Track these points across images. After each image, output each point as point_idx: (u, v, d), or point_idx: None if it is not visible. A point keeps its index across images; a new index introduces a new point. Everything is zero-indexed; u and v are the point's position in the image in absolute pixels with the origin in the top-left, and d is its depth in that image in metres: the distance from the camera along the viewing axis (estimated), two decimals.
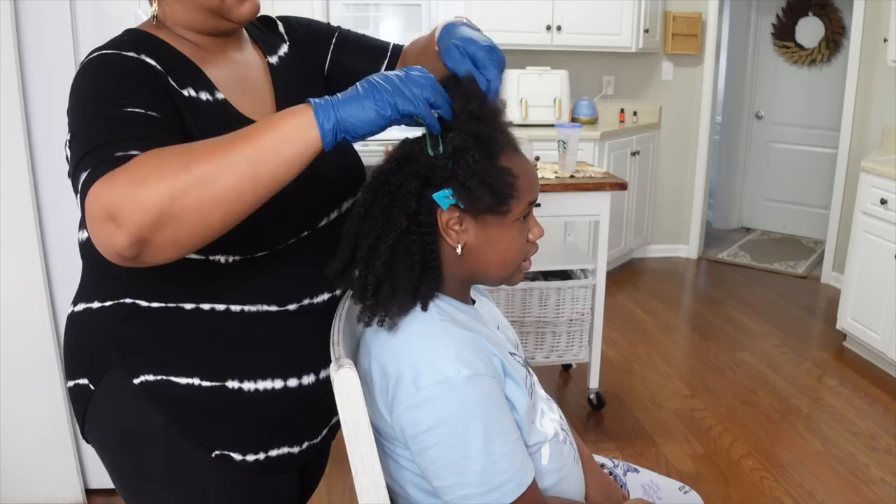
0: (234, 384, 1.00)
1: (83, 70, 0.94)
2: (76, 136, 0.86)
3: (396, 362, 0.96)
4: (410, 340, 0.98)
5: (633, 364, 3.32)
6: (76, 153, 0.83)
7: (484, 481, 0.93)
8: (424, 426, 0.93)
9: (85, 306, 1.03)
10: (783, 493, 2.33)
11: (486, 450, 0.93)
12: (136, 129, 0.85)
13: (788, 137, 5.52)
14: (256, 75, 1.09)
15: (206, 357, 0.99)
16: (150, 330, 0.99)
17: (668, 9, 4.66)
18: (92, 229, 0.78)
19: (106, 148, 0.81)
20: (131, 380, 0.98)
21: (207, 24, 1.00)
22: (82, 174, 0.80)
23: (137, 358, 0.98)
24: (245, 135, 0.81)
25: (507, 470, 0.94)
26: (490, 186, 0.94)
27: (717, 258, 5.01)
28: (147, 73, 0.93)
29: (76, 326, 1.04)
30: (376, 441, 1.00)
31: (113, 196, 0.76)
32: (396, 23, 4.08)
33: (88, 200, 0.77)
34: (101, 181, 0.77)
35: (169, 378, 0.98)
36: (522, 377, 1.04)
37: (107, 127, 0.84)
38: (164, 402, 0.98)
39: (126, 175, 0.77)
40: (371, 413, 0.99)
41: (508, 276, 1.06)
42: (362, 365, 1.03)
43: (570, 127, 2.75)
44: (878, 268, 3.18)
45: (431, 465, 0.95)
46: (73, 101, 0.91)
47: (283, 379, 1.03)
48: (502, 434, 0.95)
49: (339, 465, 1.14)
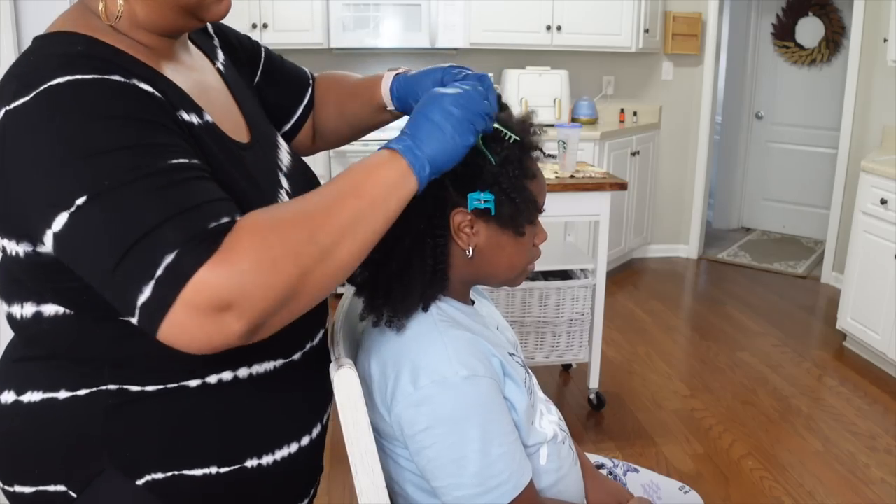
0: (252, 462, 0.88)
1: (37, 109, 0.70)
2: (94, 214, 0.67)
3: (395, 362, 0.97)
4: (409, 340, 0.98)
5: (633, 364, 3.32)
6: (125, 228, 0.66)
7: (481, 482, 0.93)
8: (422, 426, 0.94)
9: (44, 396, 0.82)
10: (783, 493, 2.33)
11: (483, 450, 0.93)
12: (200, 187, 0.71)
13: (788, 137, 5.52)
14: (214, 83, 0.97)
15: (221, 440, 0.86)
16: (150, 419, 0.82)
17: (668, 9, 4.66)
18: (188, 323, 0.66)
19: (188, 218, 0.67)
20: (133, 482, 0.82)
21: (175, 22, 0.85)
22: (167, 256, 0.65)
23: (139, 455, 0.83)
24: (351, 190, 0.76)
25: (504, 470, 0.94)
26: (527, 206, 0.99)
27: (717, 258, 5.01)
28: (154, 104, 0.75)
29: (32, 420, 0.83)
30: (376, 441, 1.00)
31: (237, 282, 0.65)
32: (396, 23, 4.08)
33: (191, 291, 0.64)
34: (212, 265, 0.65)
35: (182, 472, 0.83)
36: (522, 378, 1.05)
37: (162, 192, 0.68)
38: (178, 500, 0.84)
39: (250, 255, 0.66)
40: (370, 412, 0.99)
41: (513, 279, 1.08)
42: (361, 364, 1.03)
43: (570, 127, 2.75)
44: (878, 268, 3.18)
45: (429, 464, 0.95)
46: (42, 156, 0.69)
47: (298, 440, 0.93)
48: (500, 435, 0.96)
49: (339, 465, 1.14)
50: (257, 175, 0.89)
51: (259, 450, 0.88)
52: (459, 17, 4.10)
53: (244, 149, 0.91)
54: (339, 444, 0.97)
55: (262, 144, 0.97)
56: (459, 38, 4.15)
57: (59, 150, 0.69)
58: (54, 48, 0.77)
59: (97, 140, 0.69)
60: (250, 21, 3.89)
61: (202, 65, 0.97)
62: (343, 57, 4.38)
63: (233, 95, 0.99)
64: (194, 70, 0.93)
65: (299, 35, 4.00)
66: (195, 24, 0.88)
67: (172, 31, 0.87)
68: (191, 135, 0.80)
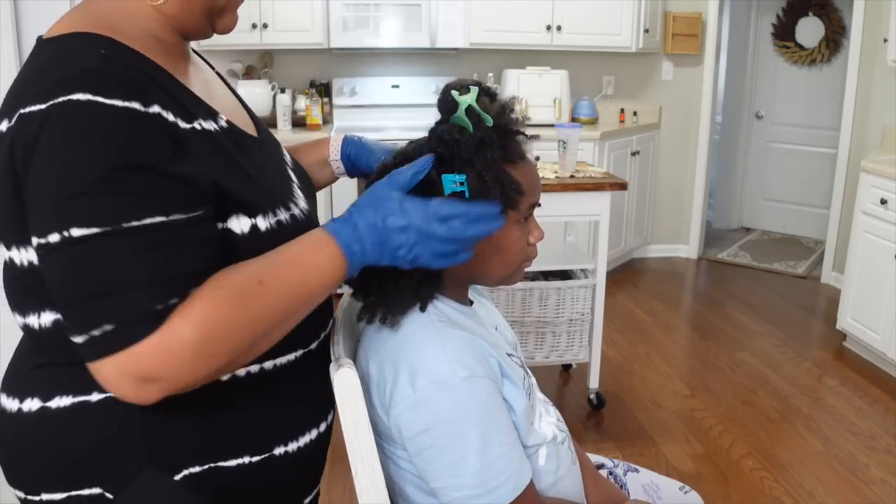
0: (280, 450, 0.91)
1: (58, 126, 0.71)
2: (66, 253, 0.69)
3: (393, 363, 0.96)
4: (407, 341, 0.98)
5: (633, 364, 3.32)
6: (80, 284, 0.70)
7: (481, 483, 0.93)
8: (421, 427, 0.93)
9: (75, 400, 0.83)
10: (783, 493, 2.33)
11: (482, 451, 0.93)
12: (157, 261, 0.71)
13: (788, 137, 5.52)
14: (218, 84, 1.01)
15: (251, 430, 0.89)
16: (185, 414, 0.84)
17: (668, 9, 4.66)
18: (114, 384, 0.71)
19: (136, 297, 0.69)
20: (171, 477, 0.83)
21: (196, 25, 0.89)
22: (106, 325, 0.69)
23: (177, 450, 0.84)
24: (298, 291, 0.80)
25: (504, 471, 0.94)
26: (501, 187, 0.96)
27: (717, 258, 5.01)
28: (157, 136, 0.75)
29: (64, 425, 0.83)
30: (375, 441, 1.00)
31: (168, 367, 0.70)
32: (396, 23, 4.08)
33: (125, 359, 0.69)
34: (152, 345, 0.69)
35: (218, 464, 0.86)
36: (520, 378, 1.04)
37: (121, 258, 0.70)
38: (212, 492, 0.86)
39: (190, 350, 0.71)
40: (370, 412, 0.99)
41: (507, 278, 1.07)
42: (361, 365, 1.03)
43: (570, 127, 2.75)
44: (879, 268, 3.18)
45: (428, 466, 0.95)
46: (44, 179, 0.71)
47: (317, 426, 0.98)
48: (499, 435, 0.95)
49: (339, 465, 1.14)
50: (272, 170, 0.94)
51: (285, 437, 0.92)
52: (459, 17, 4.10)
53: (257, 143, 0.95)
54: (339, 444, 0.97)
55: (268, 140, 1.02)
56: (459, 38, 4.15)
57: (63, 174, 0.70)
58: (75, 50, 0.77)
59: (102, 178, 0.70)
60: (250, 21, 3.88)
61: (202, 65, 1.00)
62: (343, 57, 4.38)
63: (235, 96, 1.04)
64: (199, 69, 0.95)
65: (299, 35, 4.00)
66: (207, 32, 0.91)
67: (190, 32, 0.90)
68: (200, 139, 0.81)
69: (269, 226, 0.84)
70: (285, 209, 0.88)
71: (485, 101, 0.97)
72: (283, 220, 0.86)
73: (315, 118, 4.13)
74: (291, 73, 4.34)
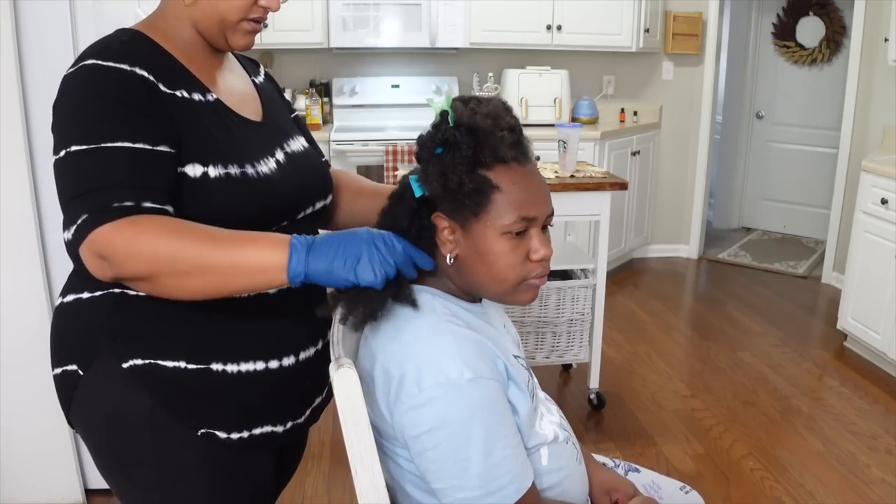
0: (217, 366, 1.05)
1: (72, 80, 1.00)
2: (67, 164, 0.96)
3: (399, 362, 0.96)
4: (415, 340, 0.97)
5: (633, 364, 3.31)
6: (70, 187, 0.95)
7: (483, 484, 0.93)
8: (425, 427, 0.93)
9: (75, 297, 1.08)
10: (783, 493, 2.32)
11: (486, 452, 0.93)
12: (126, 171, 0.95)
13: (789, 137, 5.52)
14: (243, 85, 1.19)
15: (192, 341, 1.05)
16: (138, 317, 1.04)
17: (669, 8, 4.66)
18: (84, 257, 0.93)
19: (101, 195, 0.93)
20: (120, 364, 1.03)
21: (211, 33, 1.09)
22: (81, 215, 0.92)
23: (127, 343, 1.04)
24: (230, 253, 0.94)
25: (507, 473, 0.94)
26: (450, 187, 0.95)
27: (718, 258, 5.00)
28: (136, 88, 1.00)
29: (66, 316, 1.09)
30: (375, 441, 1.00)
31: (110, 249, 0.91)
32: (396, 22, 4.07)
33: (88, 240, 0.92)
34: (101, 232, 0.91)
35: (157, 362, 1.03)
36: (525, 381, 1.04)
37: (99, 166, 0.95)
38: (151, 385, 1.03)
39: (124, 241, 0.91)
40: (371, 412, 0.99)
41: (506, 294, 1.02)
42: (363, 365, 1.02)
43: (570, 127, 2.75)
44: (879, 268, 3.18)
45: (431, 466, 0.95)
46: (60, 116, 0.99)
47: (265, 361, 1.09)
48: (503, 437, 0.95)
49: (339, 465, 1.14)
50: (249, 143, 1.10)
51: (224, 357, 1.06)
52: (459, 16, 4.10)
53: (248, 124, 1.12)
54: (340, 444, 0.97)
55: (272, 127, 1.18)
56: (459, 38, 4.15)
57: (57, 110, 1.00)
58: (107, 38, 1.05)
59: (93, 112, 0.97)
60: None
61: (238, 71, 1.20)
62: (343, 57, 4.38)
63: (260, 98, 1.20)
64: (226, 70, 1.16)
65: (299, 35, 4.00)
66: (223, 44, 1.11)
67: (209, 39, 1.10)
68: (180, 107, 1.03)
69: (219, 175, 1.02)
70: (238, 166, 1.04)
71: (458, 104, 0.98)
72: (233, 174, 1.03)
73: (315, 118, 4.13)
74: (291, 72, 4.34)
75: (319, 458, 2.47)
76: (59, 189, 0.97)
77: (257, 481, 1.14)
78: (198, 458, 1.06)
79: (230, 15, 1.07)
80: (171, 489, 1.07)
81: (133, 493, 1.10)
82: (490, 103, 1.00)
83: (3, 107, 1.91)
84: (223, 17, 1.07)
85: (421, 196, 0.99)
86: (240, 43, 1.11)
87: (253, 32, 1.12)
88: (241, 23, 1.09)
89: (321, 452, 2.50)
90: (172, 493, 1.07)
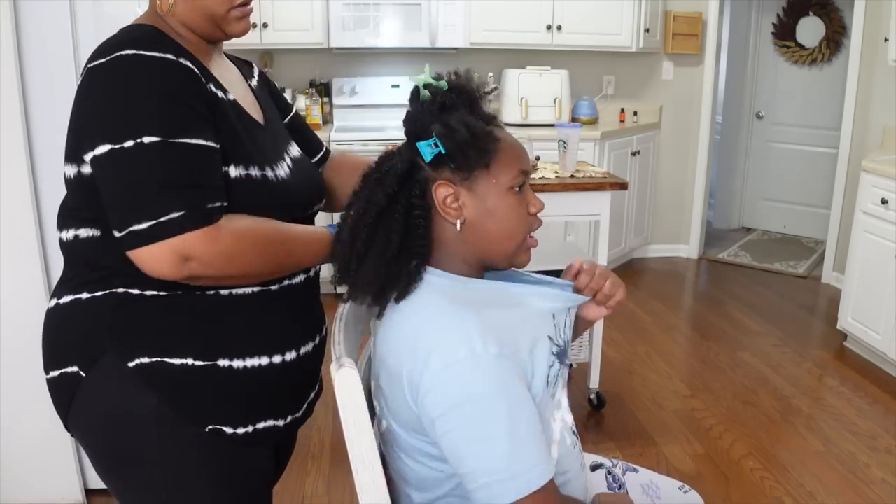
0: (224, 362, 1.06)
1: (113, 71, 0.96)
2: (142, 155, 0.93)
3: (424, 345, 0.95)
4: (436, 319, 0.97)
5: (633, 364, 3.31)
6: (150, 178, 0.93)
7: (509, 465, 0.91)
8: (450, 403, 0.91)
9: (73, 298, 1.07)
10: (784, 494, 2.32)
11: (512, 430, 0.91)
12: (209, 169, 0.98)
13: (789, 137, 5.52)
14: (241, 87, 1.18)
15: (199, 338, 1.05)
16: (144, 316, 1.04)
17: (669, 8, 4.66)
18: (157, 253, 0.93)
19: (193, 193, 0.94)
20: (126, 363, 1.02)
21: (206, 30, 1.09)
22: (170, 211, 0.93)
23: (133, 342, 1.03)
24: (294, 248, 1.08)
25: (533, 455, 0.92)
26: (473, 133, 0.97)
27: (718, 258, 5.00)
28: (190, 81, 0.99)
29: (63, 317, 1.08)
30: (383, 440, 1.00)
31: (205, 252, 0.95)
32: (396, 22, 4.07)
33: (179, 239, 0.93)
34: (198, 236, 0.94)
35: (163, 360, 1.03)
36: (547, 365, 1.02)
37: (185, 161, 0.95)
38: (158, 383, 1.03)
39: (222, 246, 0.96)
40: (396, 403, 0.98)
41: (514, 252, 1.05)
42: (379, 351, 1.02)
43: (570, 127, 2.75)
44: (879, 268, 3.18)
45: (455, 448, 0.93)
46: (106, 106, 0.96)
47: (269, 356, 1.10)
48: (527, 417, 0.94)
49: (340, 465, 1.15)
50: (266, 145, 1.12)
51: (230, 353, 1.06)
52: (459, 16, 4.10)
53: (258, 126, 1.13)
54: (340, 444, 0.97)
55: (274, 129, 1.19)
56: (459, 38, 4.15)
57: (119, 99, 0.95)
58: (127, 32, 1.04)
59: (148, 103, 0.95)
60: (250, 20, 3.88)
61: (235, 73, 1.19)
62: (343, 57, 4.38)
63: (258, 102, 1.19)
64: (227, 71, 1.16)
65: (299, 35, 4.00)
66: (220, 35, 1.11)
67: (205, 36, 1.10)
68: (216, 104, 1.03)
69: (239, 175, 1.03)
70: (259, 167, 1.06)
71: (439, 73, 1.03)
72: (254, 175, 1.05)
73: (315, 118, 4.13)
74: (291, 72, 4.34)
75: (319, 458, 2.47)
76: (123, 180, 0.94)
77: (257, 477, 1.15)
78: (203, 456, 1.06)
79: (216, 7, 1.07)
80: (176, 487, 1.06)
81: (136, 494, 1.09)
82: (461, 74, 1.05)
83: (3, 107, 1.91)
84: (210, 11, 1.07)
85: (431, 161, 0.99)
86: (237, 30, 1.11)
87: (245, 16, 1.11)
88: (230, 11, 1.08)
89: (321, 452, 2.50)
90: (178, 492, 1.07)
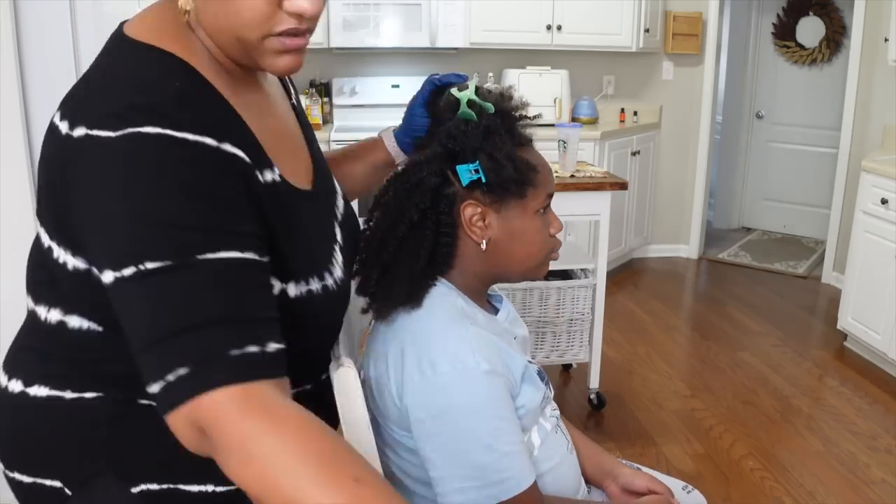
0: None
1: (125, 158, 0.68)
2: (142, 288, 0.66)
3: (417, 342, 0.96)
4: (436, 325, 0.98)
5: (633, 364, 3.31)
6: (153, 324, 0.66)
7: (482, 475, 0.93)
8: (433, 412, 0.93)
9: (51, 393, 0.83)
10: (784, 493, 2.32)
11: (490, 446, 0.93)
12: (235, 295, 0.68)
13: (789, 137, 5.52)
14: (286, 122, 0.94)
15: None
16: (153, 431, 0.76)
17: (669, 8, 4.66)
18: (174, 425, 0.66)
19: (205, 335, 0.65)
20: (129, 489, 0.82)
21: (237, 56, 0.81)
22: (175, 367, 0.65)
23: (138, 464, 0.83)
24: None
25: (509, 468, 0.94)
26: (514, 164, 0.97)
27: (718, 258, 5.00)
28: (236, 177, 0.73)
29: (36, 416, 0.84)
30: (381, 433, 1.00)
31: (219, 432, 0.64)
32: (396, 22, 4.07)
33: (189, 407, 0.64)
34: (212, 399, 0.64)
35: (178, 486, 0.83)
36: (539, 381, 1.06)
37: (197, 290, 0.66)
38: None
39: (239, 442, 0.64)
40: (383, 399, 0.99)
41: (534, 269, 1.07)
42: (376, 349, 1.02)
43: (570, 126, 2.75)
44: (879, 268, 3.17)
45: (432, 453, 0.95)
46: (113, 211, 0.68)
47: None
48: (509, 433, 0.95)
49: None
50: (315, 231, 0.90)
51: None
52: (459, 16, 4.10)
53: (306, 198, 0.89)
54: None
55: (323, 192, 0.96)
56: (459, 38, 4.14)
57: (135, 208, 0.68)
58: (150, 74, 0.74)
59: (176, 211, 0.68)
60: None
61: (277, 99, 0.94)
62: (343, 57, 4.38)
63: (304, 135, 0.98)
64: (268, 104, 0.90)
65: None
66: (257, 68, 0.83)
67: (241, 64, 0.82)
68: (267, 193, 0.78)
69: (300, 293, 0.82)
70: (319, 279, 0.85)
71: (483, 91, 1.02)
72: (315, 290, 0.84)
73: (315, 118, 4.12)
74: None
75: None
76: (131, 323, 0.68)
77: None
78: None
79: (246, 32, 0.76)
80: None
81: None
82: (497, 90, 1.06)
83: (3, 107, 1.91)
84: (239, 35, 0.76)
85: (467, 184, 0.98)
86: (276, 67, 0.80)
87: (288, 51, 0.80)
88: (265, 41, 0.77)
89: None
90: None
